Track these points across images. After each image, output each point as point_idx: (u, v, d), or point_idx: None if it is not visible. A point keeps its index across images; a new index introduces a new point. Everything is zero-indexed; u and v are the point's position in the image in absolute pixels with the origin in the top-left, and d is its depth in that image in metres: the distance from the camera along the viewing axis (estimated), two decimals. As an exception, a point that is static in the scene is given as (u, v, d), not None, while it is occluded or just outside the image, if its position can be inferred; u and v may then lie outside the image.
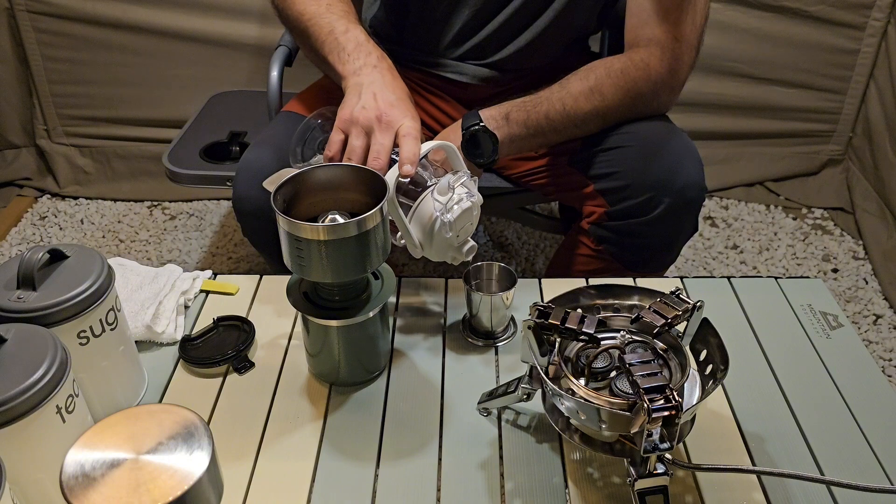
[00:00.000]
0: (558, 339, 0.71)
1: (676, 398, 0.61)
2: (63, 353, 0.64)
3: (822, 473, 0.73)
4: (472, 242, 0.85)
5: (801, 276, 1.78)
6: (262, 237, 1.07)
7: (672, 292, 0.70)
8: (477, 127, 1.00)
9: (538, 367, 0.69)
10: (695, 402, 0.64)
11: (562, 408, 0.68)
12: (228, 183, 1.44)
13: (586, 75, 1.02)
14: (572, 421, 0.69)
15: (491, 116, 1.02)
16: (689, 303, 0.69)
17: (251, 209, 1.05)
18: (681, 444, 0.74)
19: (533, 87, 1.05)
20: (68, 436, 0.62)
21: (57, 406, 0.63)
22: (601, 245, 1.09)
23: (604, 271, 1.10)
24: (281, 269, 0.77)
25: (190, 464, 0.52)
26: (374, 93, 0.86)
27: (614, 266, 1.10)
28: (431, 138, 1.02)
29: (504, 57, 1.15)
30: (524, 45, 1.14)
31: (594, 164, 1.06)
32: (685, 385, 0.67)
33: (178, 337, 0.89)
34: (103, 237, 1.93)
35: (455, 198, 0.81)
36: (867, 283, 1.77)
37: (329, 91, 1.19)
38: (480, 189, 1.25)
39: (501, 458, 0.75)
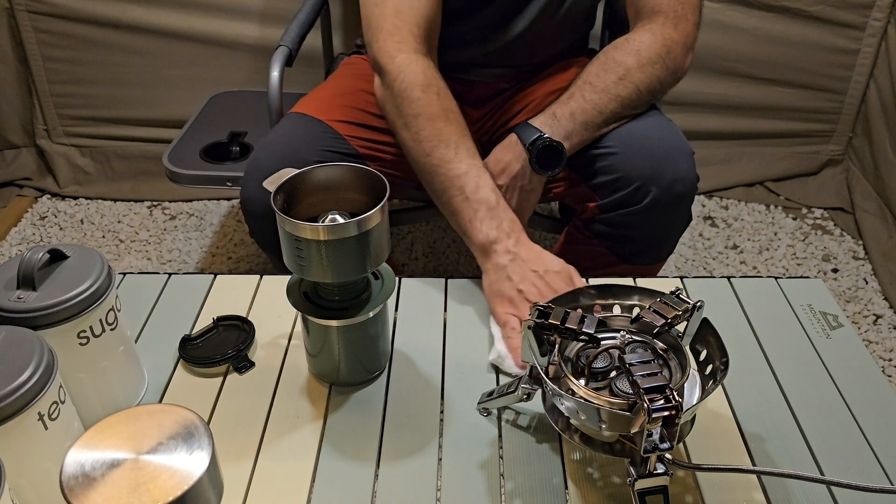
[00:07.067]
0: (558, 339, 0.71)
1: (676, 398, 0.61)
2: (49, 358, 0.63)
3: (822, 473, 0.73)
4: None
5: (801, 276, 1.78)
6: (270, 238, 1.07)
7: (672, 292, 0.70)
8: (544, 138, 0.98)
9: (538, 367, 0.69)
10: (695, 402, 0.64)
11: (562, 408, 0.68)
12: (228, 183, 1.44)
13: (597, 55, 1.05)
14: (572, 421, 0.69)
15: (542, 123, 1.00)
16: (689, 303, 0.69)
17: (260, 209, 1.04)
18: (681, 444, 0.74)
19: (531, 83, 1.05)
20: (51, 444, 0.61)
21: (39, 413, 0.61)
22: (595, 239, 1.09)
23: (598, 265, 1.10)
24: (286, 271, 0.77)
25: (190, 464, 0.52)
26: (524, 271, 0.86)
27: (610, 259, 1.10)
28: None
29: (506, 56, 1.16)
30: (526, 43, 1.14)
31: (587, 158, 1.06)
32: (685, 385, 0.67)
33: None
34: (103, 237, 1.93)
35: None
36: (867, 283, 1.77)
37: (340, 94, 1.18)
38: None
39: (501, 458, 0.75)
